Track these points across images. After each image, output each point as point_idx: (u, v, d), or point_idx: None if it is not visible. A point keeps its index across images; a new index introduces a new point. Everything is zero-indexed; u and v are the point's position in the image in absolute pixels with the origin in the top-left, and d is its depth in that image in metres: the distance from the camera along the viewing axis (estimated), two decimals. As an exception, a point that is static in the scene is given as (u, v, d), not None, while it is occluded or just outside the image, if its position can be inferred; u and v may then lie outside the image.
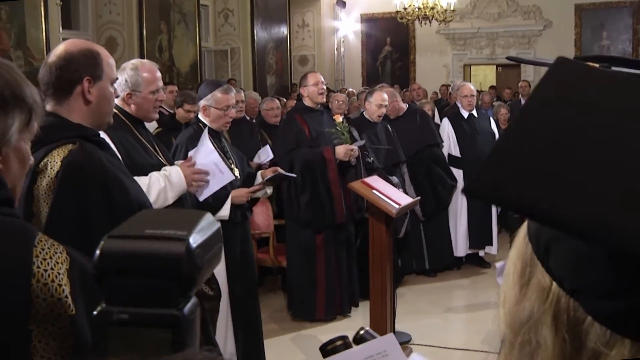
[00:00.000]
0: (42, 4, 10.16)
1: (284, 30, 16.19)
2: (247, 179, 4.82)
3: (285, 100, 10.58)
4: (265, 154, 7.24)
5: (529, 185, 0.65)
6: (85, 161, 2.45)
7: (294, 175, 5.50)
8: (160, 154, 3.67)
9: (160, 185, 3.40)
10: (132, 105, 3.48)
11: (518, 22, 16.64)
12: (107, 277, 0.89)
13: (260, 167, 7.06)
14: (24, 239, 1.44)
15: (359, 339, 1.63)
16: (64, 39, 10.72)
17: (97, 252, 0.89)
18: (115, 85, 2.75)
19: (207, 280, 2.79)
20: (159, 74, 3.65)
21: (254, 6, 14.89)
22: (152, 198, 3.22)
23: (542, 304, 0.74)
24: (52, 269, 1.41)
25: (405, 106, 8.11)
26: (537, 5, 16.33)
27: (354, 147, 6.22)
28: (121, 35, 11.77)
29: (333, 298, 6.42)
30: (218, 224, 0.98)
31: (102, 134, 2.74)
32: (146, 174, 3.38)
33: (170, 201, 3.47)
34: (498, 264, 2.67)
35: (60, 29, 10.87)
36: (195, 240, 0.90)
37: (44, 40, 10.19)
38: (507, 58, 1.57)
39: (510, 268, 0.80)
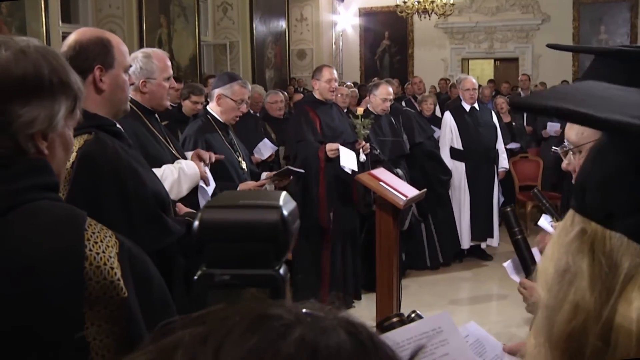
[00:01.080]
0: (43, -3, 10.14)
1: (282, 24, 16.18)
2: (252, 177, 4.84)
3: (292, 93, 10.60)
4: (266, 149, 7.25)
5: (564, 100, 0.81)
6: (98, 152, 2.41)
7: (302, 170, 5.50)
8: (172, 145, 3.68)
9: (174, 177, 3.41)
10: (146, 94, 3.47)
11: (516, 16, 16.65)
12: (207, 243, 0.96)
13: (263, 162, 7.09)
14: (75, 223, 1.46)
15: (411, 321, 1.66)
16: (63, 33, 10.78)
17: (197, 222, 0.96)
18: (130, 73, 2.74)
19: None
20: (169, 62, 3.66)
21: (253, 0, 14.88)
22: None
23: (580, 240, 0.84)
24: (103, 252, 1.43)
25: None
26: (535, -1, 16.36)
27: (363, 147, 6.28)
28: (121, 29, 11.73)
29: (337, 290, 6.45)
30: (294, 204, 1.04)
31: (118, 125, 2.73)
32: (159, 166, 3.37)
33: (184, 193, 3.48)
34: (506, 264, 2.70)
35: (60, 22, 10.84)
36: (286, 209, 0.99)
37: (44, 34, 10.17)
38: (548, 46, 1.58)
39: (549, 247, 0.91)
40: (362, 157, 6.38)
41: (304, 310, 0.57)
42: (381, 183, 5.57)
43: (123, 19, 11.83)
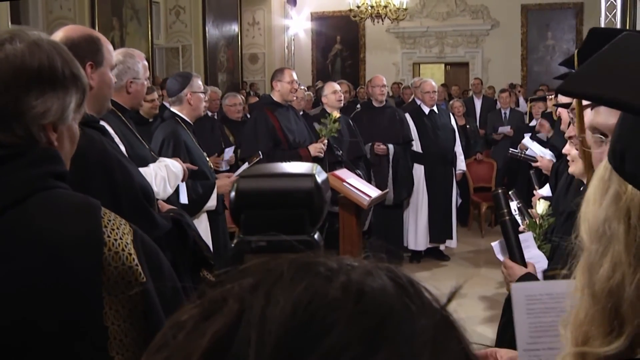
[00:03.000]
0: (-8, -2, 9.97)
1: (235, 28, 16.16)
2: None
3: (244, 96, 10.58)
4: (229, 154, 7.25)
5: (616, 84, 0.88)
6: (86, 146, 2.42)
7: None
8: (147, 145, 3.69)
9: (162, 174, 3.43)
10: (131, 94, 3.47)
11: (466, 21, 16.91)
12: (243, 211, 0.97)
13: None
14: (92, 210, 1.49)
15: None
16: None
17: (233, 192, 0.96)
18: (116, 72, 2.74)
19: (208, 266, 2.82)
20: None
21: (206, 3, 14.83)
22: (156, 188, 3.25)
23: (616, 205, 0.91)
24: (120, 238, 1.45)
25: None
26: (485, 5, 16.61)
27: (324, 144, 6.32)
28: (72, 31, 11.60)
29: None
30: (326, 174, 1.06)
31: (103, 122, 2.73)
32: (146, 165, 3.39)
33: (171, 190, 3.50)
34: (494, 243, 2.77)
35: (10, 23, 10.65)
36: (319, 177, 1.02)
37: (-6, 35, 9.99)
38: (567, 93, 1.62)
39: (590, 191, 0.98)
40: (321, 155, 6.45)
41: (345, 261, 0.60)
42: (345, 184, 5.62)
43: (75, 20, 11.67)
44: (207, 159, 4.85)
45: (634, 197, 0.89)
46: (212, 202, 4.44)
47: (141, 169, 2.97)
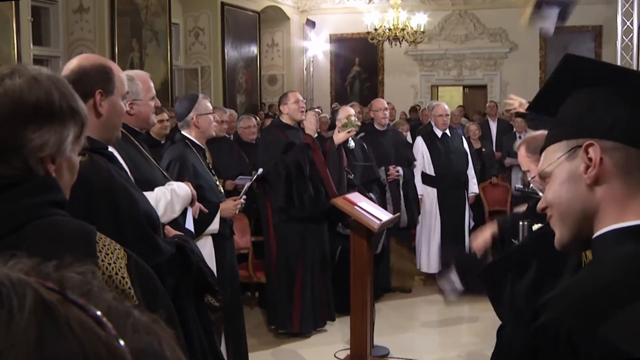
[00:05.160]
0: (14, 19, 10.11)
1: (254, 49, 16.27)
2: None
3: (262, 118, 10.65)
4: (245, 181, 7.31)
5: None
6: (93, 173, 2.48)
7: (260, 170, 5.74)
8: (159, 167, 3.74)
9: (167, 198, 3.47)
10: (133, 115, 3.50)
11: (485, 44, 16.95)
12: None
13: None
14: (87, 236, 1.55)
15: None
16: (35, 56, 10.76)
17: None
18: None
19: (213, 292, 2.85)
20: (151, 82, 3.71)
21: (225, 25, 14.96)
22: (160, 212, 3.28)
23: None
24: (114, 262, 1.51)
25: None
26: (503, 28, 16.64)
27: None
28: (92, 53, 11.70)
29: (310, 311, 6.49)
30: None
31: (111, 148, 2.78)
32: (152, 188, 3.44)
33: (178, 213, 3.55)
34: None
35: (32, 45, 10.82)
36: None
37: (15, 56, 10.14)
38: None
39: None
40: (352, 144, 6.87)
41: None
42: (356, 207, 5.65)
43: (95, 42, 11.84)
44: (217, 182, 4.89)
45: None
46: (214, 226, 4.47)
47: (146, 193, 3.01)
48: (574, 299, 1.22)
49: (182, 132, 4.82)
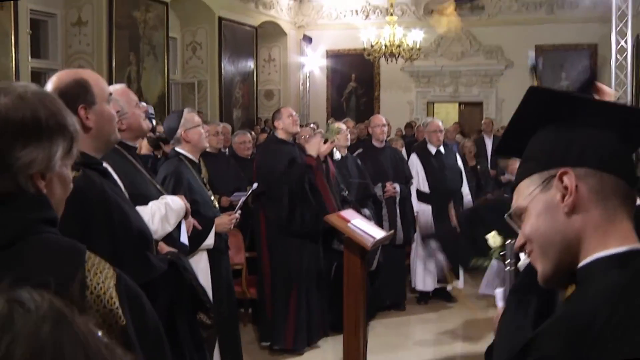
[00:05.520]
0: (13, 32, 10.16)
1: (250, 64, 16.32)
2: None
3: (258, 133, 10.68)
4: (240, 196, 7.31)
5: None
6: (88, 188, 2.48)
7: (255, 184, 5.71)
8: (153, 181, 3.74)
9: (161, 212, 3.48)
10: (125, 130, 3.45)
11: (481, 61, 17.03)
12: None
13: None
14: (76, 255, 1.56)
15: None
16: (33, 68, 10.79)
17: None
18: None
19: (205, 309, 2.85)
20: (131, 91, 3.63)
21: (222, 40, 15.02)
22: (154, 226, 3.29)
23: None
24: (103, 282, 1.52)
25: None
26: (499, 45, 16.74)
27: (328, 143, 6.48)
28: (90, 66, 11.74)
29: (304, 328, 6.48)
30: None
31: (105, 164, 2.78)
32: (147, 202, 3.44)
33: (172, 227, 3.54)
34: (498, 290, 2.75)
35: (30, 57, 10.86)
36: None
37: (14, 69, 10.18)
38: None
39: None
40: (337, 155, 6.91)
41: None
42: (349, 224, 5.65)
43: (93, 55, 11.89)
44: (212, 197, 4.90)
45: None
46: (209, 241, 4.47)
47: (140, 208, 3.01)
48: (562, 335, 1.20)
49: (176, 149, 4.84)
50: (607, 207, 1.31)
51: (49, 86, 2.63)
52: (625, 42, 11.64)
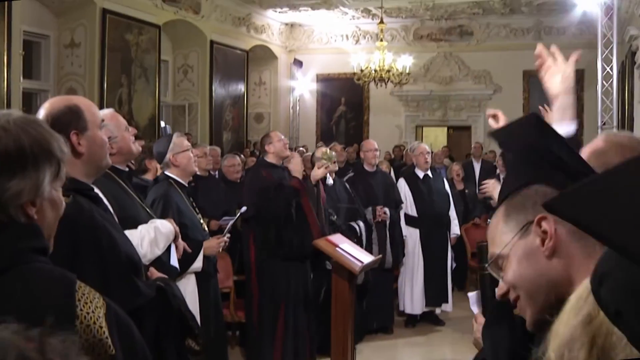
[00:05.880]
0: (5, 53, 10.20)
1: (241, 87, 16.40)
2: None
3: (247, 156, 10.73)
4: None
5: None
6: (77, 215, 2.49)
7: (244, 208, 5.80)
8: (144, 204, 3.78)
9: (150, 236, 3.51)
10: (116, 154, 3.47)
11: (469, 86, 17.18)
12: None
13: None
14: (67, 284, 1.58)
15: None
16: (24, 89, 10.83)
17: None
18: None
19: (193, 335, 2.89)
20: (119, 115, 3.64)
21: (213, 63, 15.11)
22: (144, 249, 3.33)
23: (583, 328, 0.91)
24: (92, 312, 1.54)
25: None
26: (487, 71, 16.90)
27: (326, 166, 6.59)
28: (82, 87, 11.83)
29: (291, 351, 6.49)
30: None
31: (96, 189, 2.81)
32: (136, 226, 3.48)
33: (162, 251, 3.58)
34: (470, 294, 2.77)
35: (22, 78, 10.89)
36: None
37: (5, 89, 10.20)
38: None
39: (567, 307, 0.98)
40: (330, 181, 6.97)
41: None
42: (337, 249, 5.71)
43: (84, 77, 11.94)
44: (202, 221, 4.95)
45: (602, 323, 0.88)
46: (197, 264, 4.51)
47: (129, 231, 3.05)
48: None
49: (165, 172, 4.89)
50: (587, 244, 1.32)
51: (42, 112, 2.64)
52: (611, 68, 11.78)
